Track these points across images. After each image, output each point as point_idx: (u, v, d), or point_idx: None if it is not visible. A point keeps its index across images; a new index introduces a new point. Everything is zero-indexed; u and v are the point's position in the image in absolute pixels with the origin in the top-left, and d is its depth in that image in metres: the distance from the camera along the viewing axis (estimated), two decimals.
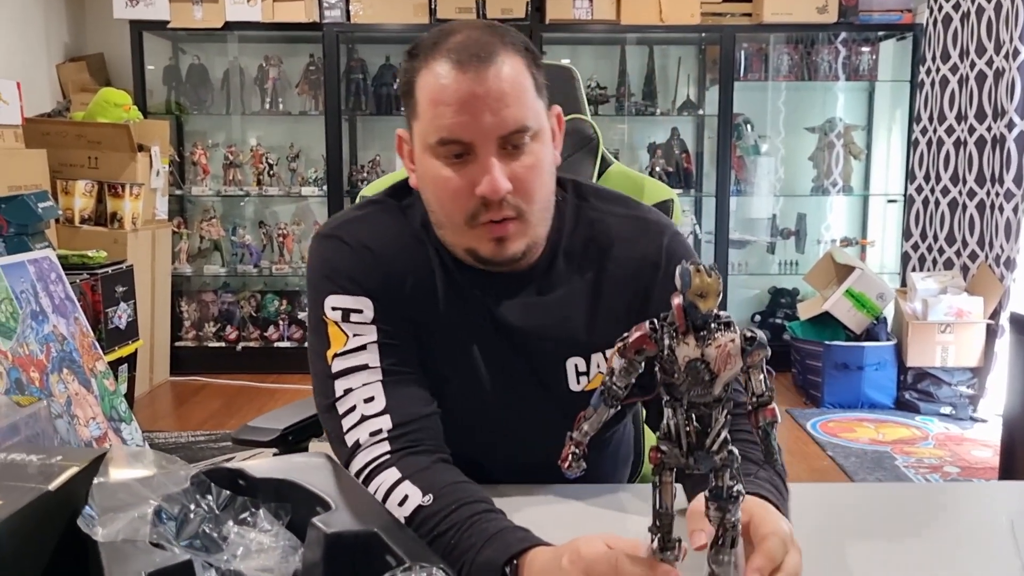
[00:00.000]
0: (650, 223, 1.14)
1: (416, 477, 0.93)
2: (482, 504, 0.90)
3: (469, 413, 1.10)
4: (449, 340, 1.09)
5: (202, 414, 3.90)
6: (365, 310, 1.05)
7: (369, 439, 0.98)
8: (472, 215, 1.01)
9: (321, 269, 1.08)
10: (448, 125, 0.98)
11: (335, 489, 0.82)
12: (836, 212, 4.82)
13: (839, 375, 3.80)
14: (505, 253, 1.04)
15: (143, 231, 4.03)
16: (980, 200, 3.91)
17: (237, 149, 4.57)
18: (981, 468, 3.18)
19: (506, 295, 1.10)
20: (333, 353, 1.04)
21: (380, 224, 1.11)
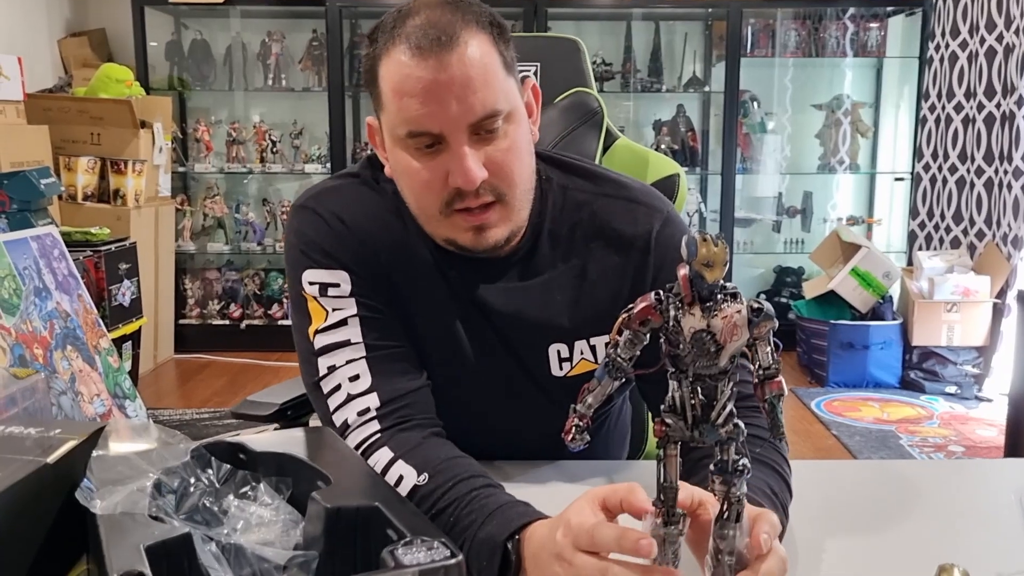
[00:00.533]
0: (640, 207, 1.09)
1: (409, 456, 0.92)
2: (480, 479, 0.89)
3: (451, 393, 1.08)
4: (430, 318, 1.07)
5: (206, 392, 3.90)
6: (342, 283, 1.02)
7: (357, 419, 0.97)
8: (447, 203, 0.98)
9: (296, 242, 1.05)
10: (415, 117, 0.94)
11: (336, 463, 0.81)
12: (843, 190, 4.79)
13: (844, 354, 3.78)
14: (486, 242, 1.00)
15: (146, 208, 4.02)
16: (988, 178, 3.88)
17: (240, 126, 4.54)
18: (986, 447, 3.17)
19: (487, 279, 1.07)
20: (315, 329, 1.01)
21: (355, 196, 1.07)
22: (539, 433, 0.99)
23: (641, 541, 0.66)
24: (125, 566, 0.60)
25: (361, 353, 1.00)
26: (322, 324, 1.01)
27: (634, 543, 0.67)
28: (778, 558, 0.70)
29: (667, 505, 0.68)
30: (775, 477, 0.90)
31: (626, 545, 0.67)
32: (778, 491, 0.88)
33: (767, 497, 0.85)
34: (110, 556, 0.62)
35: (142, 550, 0.63)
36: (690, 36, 4.64)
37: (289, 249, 1.07)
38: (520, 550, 0.79)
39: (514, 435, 1.11)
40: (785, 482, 0.91)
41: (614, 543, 0.68)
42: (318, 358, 1.01)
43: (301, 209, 1.07)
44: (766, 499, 0.84)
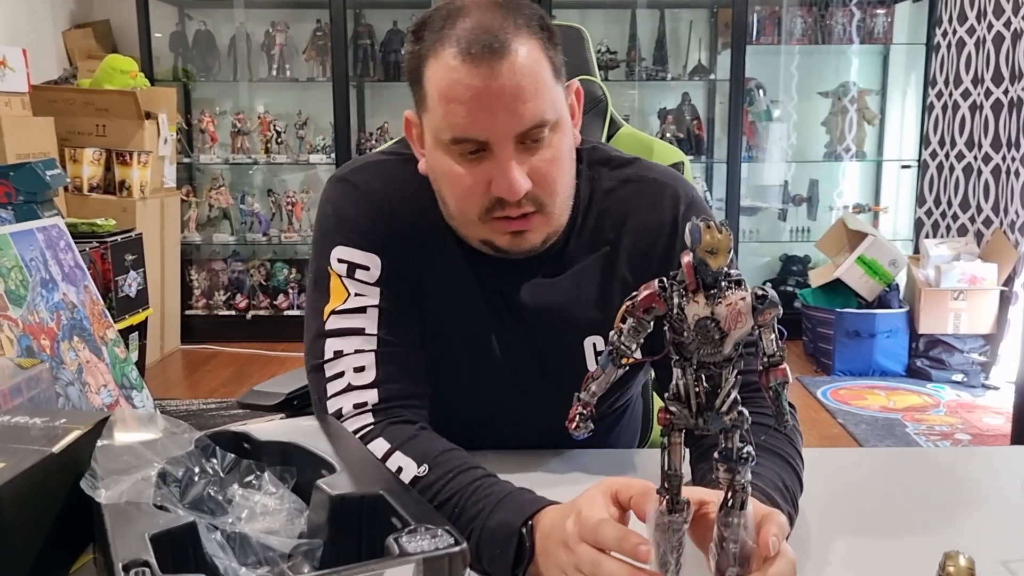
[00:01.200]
0: (666, 188, 1.08)
1: (407, 447, 0.92)
2: (479, 470, 0.89)
3: (474, 387, 1.07)
4: (457, 311, 1.05)
5: (213, 382, 3.91)
6: (372, 268, 1.01)
7: (352, 410, 0.96)
8: (486, 210, 0.96)
9: (332, 214, 1.03)
10: (461, 124, 0.92)
11: (340, 452, 0.81)
12: (849, 178, 4.78)
13: (850, 342, 3.78)
14: (523, 246, 0.99)
15: (151, 199, 4.02)
16: (996, 165, 3.86)
17: (245, 116, 4.54)
18: (992, 435, 3.17)
19: (517, 275, 1.05)
20: (331, 309, 1.00)
21: (397, 176, 1.05)
22: (555, 424, 0.99)
23: (640, 547, 0.67)
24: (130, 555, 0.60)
25: (372, 346, 0.99)
26: (340, 305, 1.00)
27: (633, 547, 0.67)
28: (787, 560, 0.70)
29: (671, 493, 0.68)
30: (788, 470, 0.90)
31: (626, 548, 0.68)
32: (789, 485, 0.88)
33: (779, 491, 0.84)
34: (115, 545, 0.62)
35: (147, 539, 0.63)
36: (695, 24, 4.62)
37: (323, 220, 1.05)
38: (533, 536, 0.79)
39: (525, 425, 1.11)
40: (797, 475, 0.91)
41: (615, 543, 0.69)
42: (327, 339, 0.99)
43: (342, 182, 1.06)
44: (778, 493, 0.84)
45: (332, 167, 4.48)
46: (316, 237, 1.06)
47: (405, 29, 4.49)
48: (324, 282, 1.02)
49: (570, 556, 0.72)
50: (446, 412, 1.04)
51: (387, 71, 4.52)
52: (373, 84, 4.63)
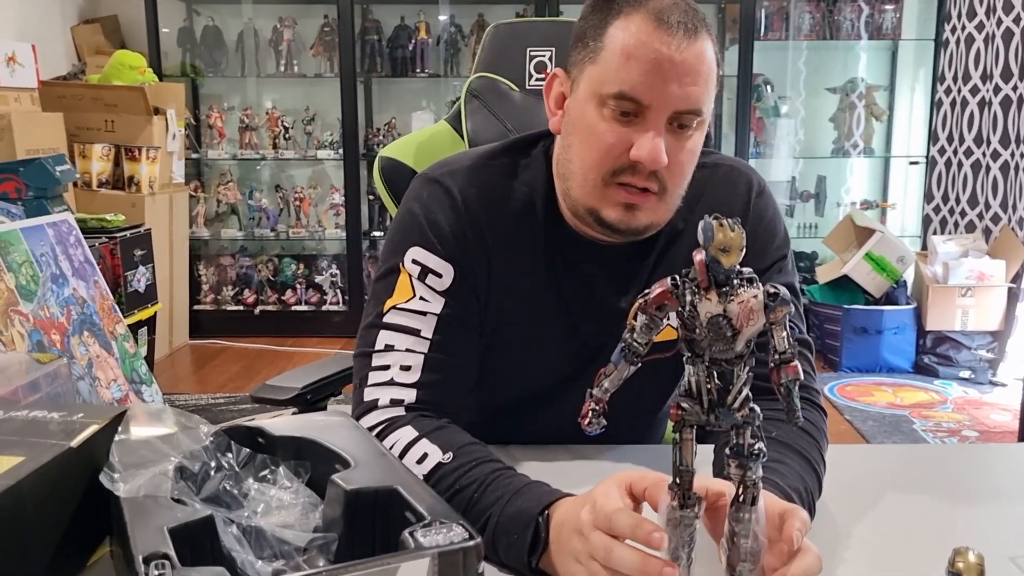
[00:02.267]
0: (740, 174, 1.11)
1: (433, 435, 0.93)
2: (500, 463, 0.91)
3: (537, 385, 1.10)
4: (535, 315, 1.07)
5: (221, 377, 3.93)
6: (445, 276, 1.02)
7: (387, 403, 0.98)
8: (613, 172, 0.97)
9: (419, 213, 1.04)
10: (634, 81, 0.93)
11: (354, 447, 0.82)
12: (856, 174, 4.77)
13: (857, 339, 3.77)
14: (633, 222, 0.99)
15: (160, 195, 4.04)
16: (1004, 161, 3.85)
17: (252, 112, 4.55)
18: (1000, 432, 3.17)
19: (616, 273, 1.07)
20: (393, 304, 1.01)
21: (493, 183, 1.06)
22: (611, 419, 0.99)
23: (654, 534, 0.68)
24: (150, 548, 0.61)
25: (424, 349, 1.00)
26: (402, 303, 1.01)
27: (647, 534, 0.68)
28: (814, 555, 0.71)
29: (683, 488, 0.69)
30: (810, 474, 0.91)
31: (639, 535, 0.69)
32: (810, 488, 0.89)
33: (797, 493, 0.86)
34: (135, 538, 0.63)
35: (166, 532, 0.64)
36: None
37: (408, 217, 1.05)
38: (548, 525, 0.80)
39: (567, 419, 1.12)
40: (818, 480, 0.92)
41: (629, 531, 0.70)
42: (381, 330, 1.01)
43: (435, 183, 1.06)
44: (796, 495, 0.85)
45: (339, 163, 4.49)
46: (395, 231, 1.07)
47: (412, 25, 4.49)
48: (393, 277, 1.03)
49: (584, 543, 0.73)
50: (507, 405, 1.09)
51: (394, 67, 4.52)
52: (381, 80, 4.63)
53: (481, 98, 1.50)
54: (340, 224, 4.52)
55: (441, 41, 4.53)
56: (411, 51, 4.50)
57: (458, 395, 1.03)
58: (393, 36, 4.52)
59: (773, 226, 1.11)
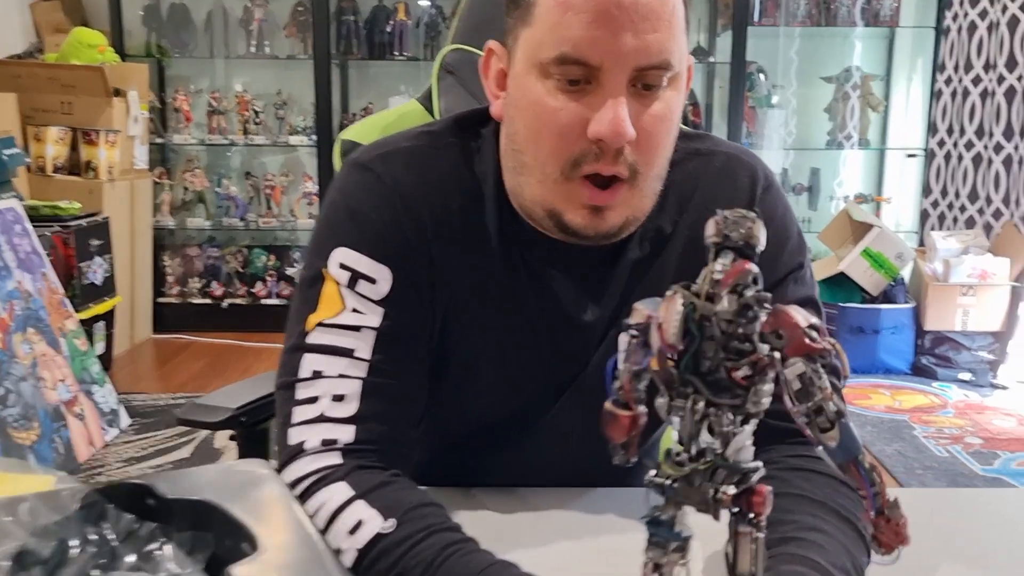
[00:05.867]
0: (742, 164, 0.91)
1: (373, 496, 0.74)
2: (456, 533, 0.72)
3: (494, 415, 0.92)
4: (490, 330, 0.88)
5: (185, 374, 3.72)
6: (380, 282, 0.82)
7: (318, 446, 0.78)
8: (574, 162, 0.78)
9: (343, 206, 0.85)
10: (575, 39, 0.75)
11: (268, 519, 0.62)
12: (851, 167, 4.60)
13: (854, 339, 3.60)
14: (601, 227, 0.80)
15: (120, 181, 3.82)
16: (1007, 155, 3.69)
17: (221, 95, 4.33)
18: (1004, 439, 3.01)
19: (587, 280, 0.88)
20: (318, 320, 0.82)
21: (437, 169, 0.87)
22: (589, 456, 0.80)
23: None
24: None
25: (361, 373, 0.81)
26: (330, 318, 0.82)
27: None
28: None
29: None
30: (856, 540, 0.73)
31: None
32: (859, 564, 0.71)
33: (845, 574, 0.68)
34: None
35: None
36: (695, 3, 4.41)
37: (330, 212, 0.86)
38: None
39: (559, 465, 0.93)
40: (864, 544, 0.73)
41: None
42: (306, 354, 0.81)
43: (363, 169, 0.87)
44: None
45: (313, 149, 4.28)
46: (318, 230, 0.87)
47: (391, 5, 4.29)
48: (316, 286, 0.83)
49: None
50: (460, 439, 0.93)
51: (372, 49, 4.31)
52: (357, 62, 4.42)
53: (456, 74, 1.31)
54: (313, 214, 4.31)
55: (421, 23, 4.32)
56: (389, 33, 4.29)
57: (406, 427, 0.84)
58: (370, 17, 4.31)
59: (785, 227, 0.91)
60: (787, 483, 0.78)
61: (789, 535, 0.70)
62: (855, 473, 0.56)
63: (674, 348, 0.52)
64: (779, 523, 0.72)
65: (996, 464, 2.80)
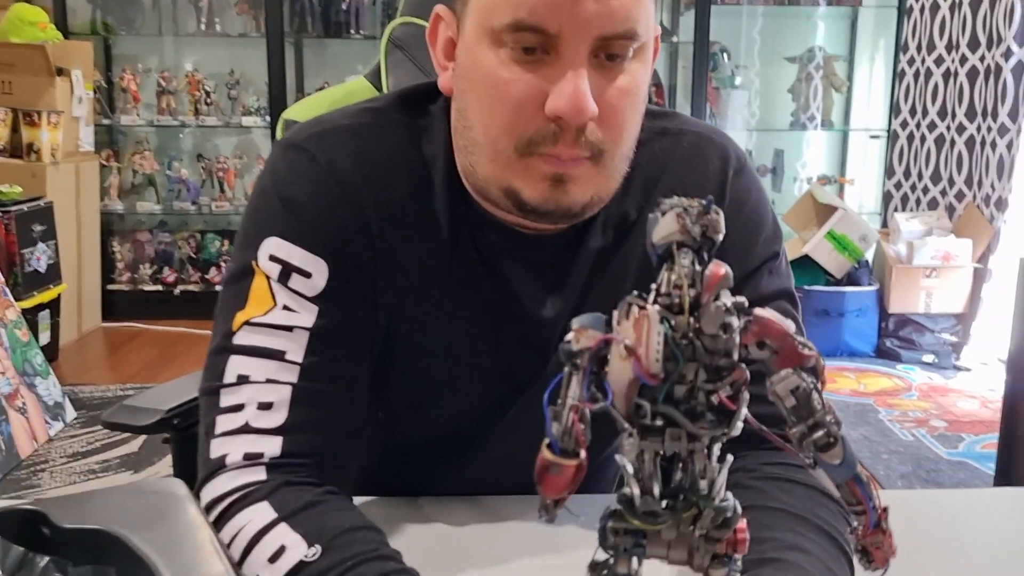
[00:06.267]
0: (713, 144, 0.84)
1: (298, 519, 0.66)
2: (389, 563, 0.64)
3: (447, 419, 0.85)
4: (441, 327, 0.81)
5: (135, 364, 3.60)
6: (316, 276, 0.74)
7: (240, 460, 0.70)
8: (529, 142, 0.70)
9: (273, 192, 0.77)
10: (531, 3, 0.67)
11: (179, 553, 0.54)
12: (813, 148, 4.57)
13: (818, 322, 3.57)
14: (564, 201, 0.72)
15: (65, 164, 3.67)
16: (970, 136, 3.67)
17: (171, 75, 4.18)
18: (968, 421, 3.00)
19: (546, 270, 0.81)
20: (246, 319, 0.74)
21: (379, 150, 0.79)
22: None
23: None
24: None
25: (292, 378, 0.72)
26: (258, 317, 0.73)
27: None
28: None
29: None
30: (838, 557, 0.66)
31: None
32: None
33: None
34: None
35: None
36: None
37: (260, 198, 0.78)
38: None
39: (507, 463, 0.86)
40: (848, 561, 0.67)
41: None
42: (231, 356, 0.73)
43: (297, 150, 0.78)
44: None
45: (267, 131, 4.15)
46: (246, 219, 0.79)
47: None
48: (245, 281, 0.75)
49: None
50: (410, 446, 0.87)
51: (327, 27, 4.18)
52: (312, 41, 4.28)
53: (405, 49, 1.22)
54: None
55: (378, 0, 4.20)
56: (345, 11, 4.16)
57: (343, 437, 0.76)
58: None
59: (759, 214, 0.84)
60: (765, 495, 0.71)
61: (768, 555, 0.64)
62: (854, 488, 0.50)
63: (657, 378, 0.45)
64: (756, 541, 0.65)
65: (961, 447, 2.79)
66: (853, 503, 0.50)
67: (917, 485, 2.54)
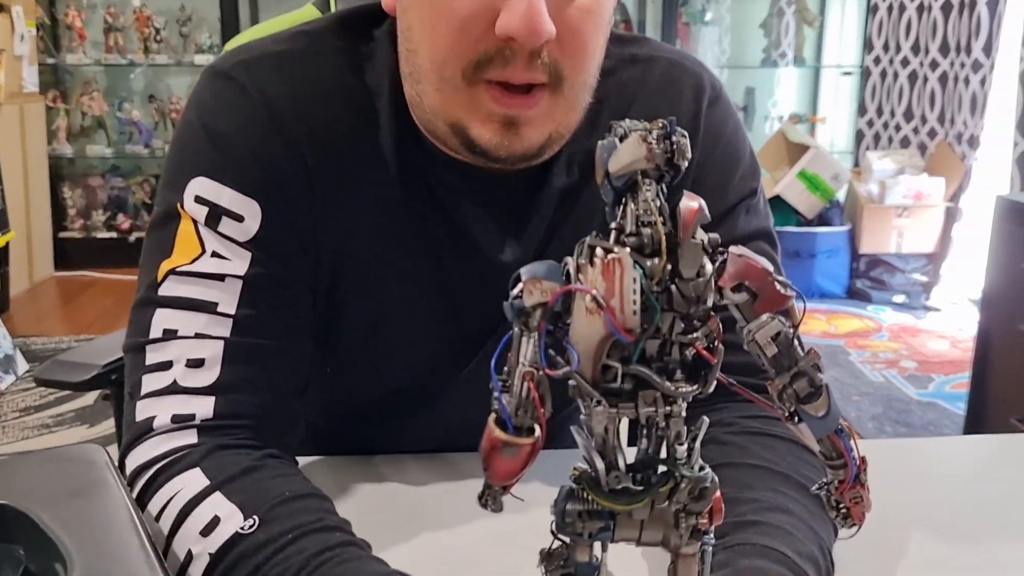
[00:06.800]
0: (686, 72, 0.76)
1: (234, 488, 0.59)
2: (334, 534, 0.57)
3: (403, 374, 0.77)
4: (391, 275, 0.73)
5: (90, 314, 3.48)
6: (247, 219, 0.66)
7: (170, 424, 0.62)
8: (478, 64, 0.62)
9: (199, 126, 0.69)
10: None
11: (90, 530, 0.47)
12: (785, 86, 4.49)
13: (789, 263, 3.53)
14: (516, 146, 0.65)
15: (8, 106, 3.51)
16: (943, 72, 3.62)
17: (117, 11, 3.99)
18: (938, 362, 2.99)
19: (503, 210, 0.73)
20: (171, 267, 0.66)
21: (317, 79, 0.70)
22: None
23: None
24: None
25: (224, 332, 0.65)
26: (185, 265, 0.65)
27: None
28: None
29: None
30: (823, 520, 0.60)
31: None
32: (827, 547, 0.59)
33: (814, 565, 0.56)
34: None
35: None
36: None
37: (186, 132, 0.69)
38: None
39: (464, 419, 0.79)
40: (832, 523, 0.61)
41: None
42: (157, 309, 0.65)
43: (224, 79, 0.69)
44: (812, 566, 0.56)
45: None
46: (170, 156, 0.70)
47: None
48: (170, 226, 0.67)
49: None
50: (365, 403, 0.80)
51: None
52: None
53: None
54: None
55: None
56: None
57: (284, 395, 0.68)
58: None
59: (735, 147, 0.77)
60: (745, 451, 0.66)
61: (747, 518, 0.58)
62: (836, 441, 0.44)
63: (634, 333, 0.38)
64: (737, 502, 0.59)
65: (931, 388, 2.78)
66: (834, 457, 0.44)
67: (887, 427, 2.53)
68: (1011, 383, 2.14)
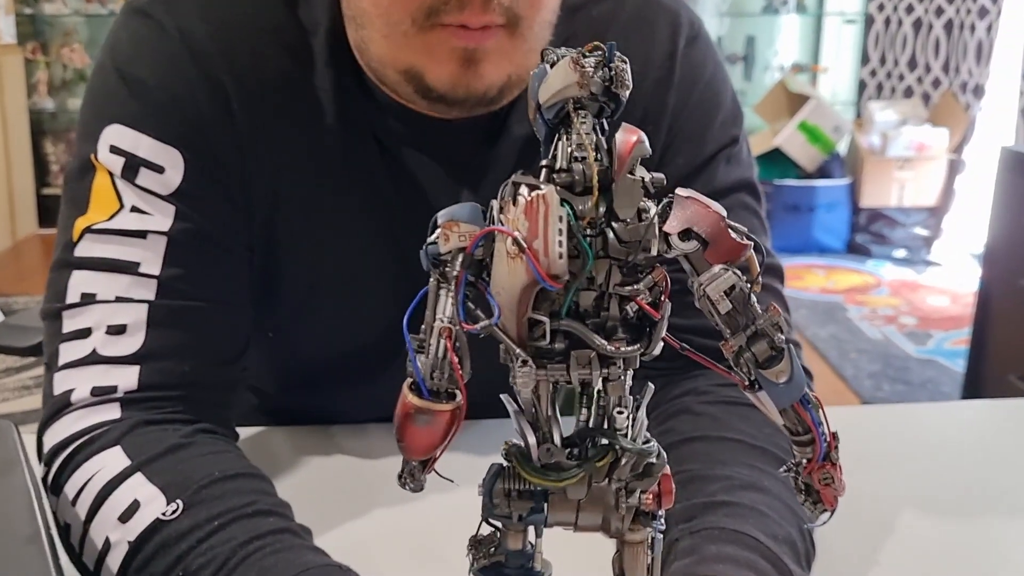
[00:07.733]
0: (661, 9, 0.69)
1: (157, 468, 0.53)
2: (267, 519, 0.51)
3: (350, 339, 0.72)
4: (334, 233, 0.67)
5: None
6: (169, 170, 0.60)
7: (90, 397, 0.57)
8: (429, 11, 0.56)
9: (114, 71, 0.62)
10: None
11: None
12: (787, 34, 4.37)
13: (788, 217, 3.46)
14: (475, 84, 0.59)
15: None
16: (948, 19, 3.50)
17: None
18: (938, 318, 2.93)
19: (456, 160, 0.66)
20: (87, 224, 0.59)
21: (241, 13, 0.64)
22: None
23: None
24: None
25: (147, 295, 0.59)
26: (102, 222, 0.59)
27: None
28: None
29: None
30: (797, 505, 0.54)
31: None
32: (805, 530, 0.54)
33: (791, 547, 0.52)
34: None
35: None
36: None
37: (100, 76, 0.63)
38: None
39: None
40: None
41: None
42: (73, 271, 0.59)
43: (141, 16, 0.63)
44: (791, 553, 0.51)
45: None
46: (84, 102, 0.64)
47: None
48: (85, 180, 0.61)
49: None
50: (311, 370, 0.76)
51: None
52: None
53: None
54: None
55: None
56: None
57: (217, 364, 0.62)
58: None
59: (715, 91, 0.70)
60: (719, 422, 0.60)
61: (717, 497, 0.53)
62: (801, 413, 0.38)
63: (560, 281, 0.32)
64: (707, 479, 0.54)
65: (930, 344, 2.72)
66: (800, 432, 0.38)
67: (885, 384, 2.47)
68: (1012, 340, 2.08)
